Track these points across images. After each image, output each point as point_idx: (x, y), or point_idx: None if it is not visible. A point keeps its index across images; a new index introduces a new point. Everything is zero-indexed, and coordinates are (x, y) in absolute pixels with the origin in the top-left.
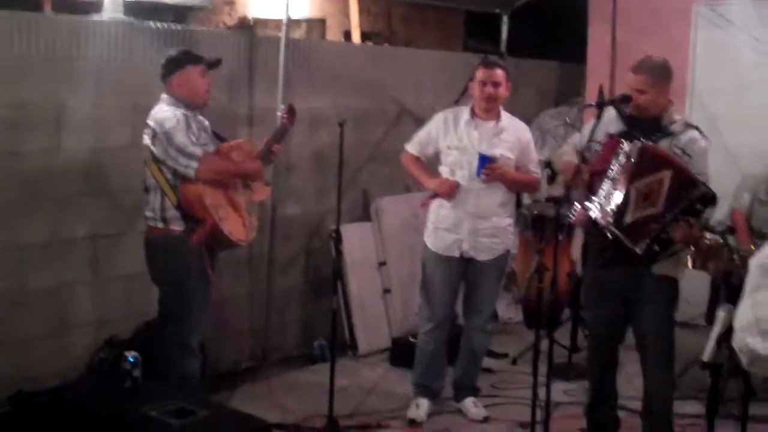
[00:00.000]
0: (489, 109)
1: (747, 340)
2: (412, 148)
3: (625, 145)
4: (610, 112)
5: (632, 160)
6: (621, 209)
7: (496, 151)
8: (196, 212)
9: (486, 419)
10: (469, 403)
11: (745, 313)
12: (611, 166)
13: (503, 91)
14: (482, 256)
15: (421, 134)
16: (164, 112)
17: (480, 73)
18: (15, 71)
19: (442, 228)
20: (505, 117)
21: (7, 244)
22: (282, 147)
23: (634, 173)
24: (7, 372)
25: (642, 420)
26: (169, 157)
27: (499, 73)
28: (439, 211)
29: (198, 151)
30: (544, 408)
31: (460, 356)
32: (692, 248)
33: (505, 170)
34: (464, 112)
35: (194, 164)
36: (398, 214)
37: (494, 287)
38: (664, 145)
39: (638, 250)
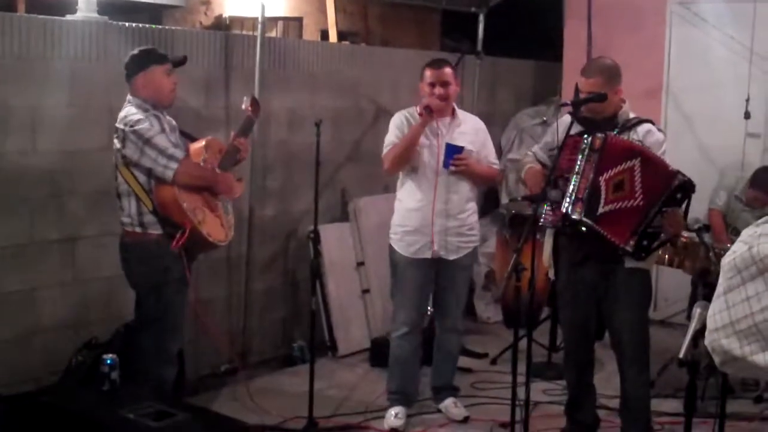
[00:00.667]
0: (442, 108)
1: (722, 341)
2: (387, 147)
3: (588, 139)
4: (564, 119)
5: (596, 151)
6: (592, 201)
7: (460, 144)
8: (173, 216)
9: (466, 419)
10: (449, 403)
11: (719, 313)
12: (577, 162)
13: (454, 88)
14: (451, 256)
15: (391, 137)
16: (134, 114)
17: (428, 74)
18: None
19: (411, 230)
20: (459, 112)
21: None
22: (248, 141)
23: (599, 164)
24: None
25: (620, 418)
26: (146, 157)
27: (448, 71)
28: (405, 213)
29: (179, 153)
30: (523, 407)
31: (435, 359)
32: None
33: (472, 162)
34: (417, 111)
35: (174, 165)
36: (377, 214)
37: (465, 286)
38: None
39: (629, 248)
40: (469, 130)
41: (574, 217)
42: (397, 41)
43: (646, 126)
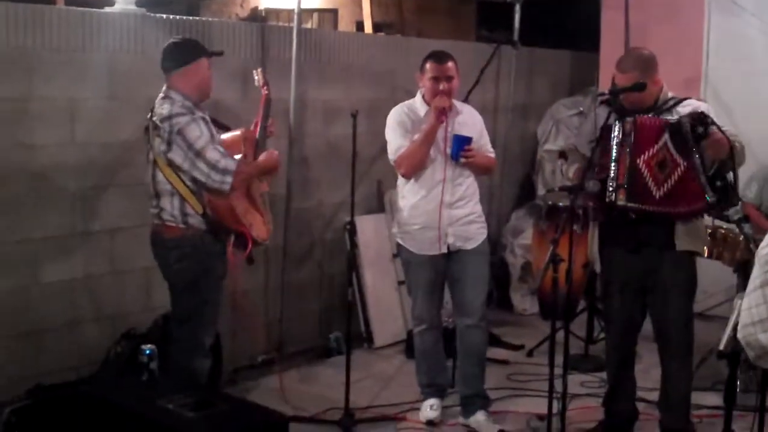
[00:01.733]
0: (434, 103)
1: (759, 336)
2: (402, 148)
3: (617, 125)
4: (601, 111)
5: (628, 134)
6: (634, 185)
7: (465, 134)
8: (227, 222)
9: None
10: (480, 417)
11: (755, 307)
12: (612, 150)
13: (456, 83)
14: (469, 245)
15: (396, 138)
16: (180, 116)
17: (431, 69)
18: (28, 64)
19: (421, 227)
20: (456, 102)
21: (23, 238)
22: (274, 120)
23: (634, 147)
24: (25, 365)
25: (659, 411)
26: (198, 170)
27: (451, 66)
28: (410, 210)
29: (231, 165)
30: (560, 400)
31: (459, 363)
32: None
33: (478, 153)
34: (417, 104)
35: (229, 180)
36: None
37: (483, 277)
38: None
39: (712, 200)
40: (468, 120)
41: (620, 203)
42: (432, 32)
43: (688, 103)
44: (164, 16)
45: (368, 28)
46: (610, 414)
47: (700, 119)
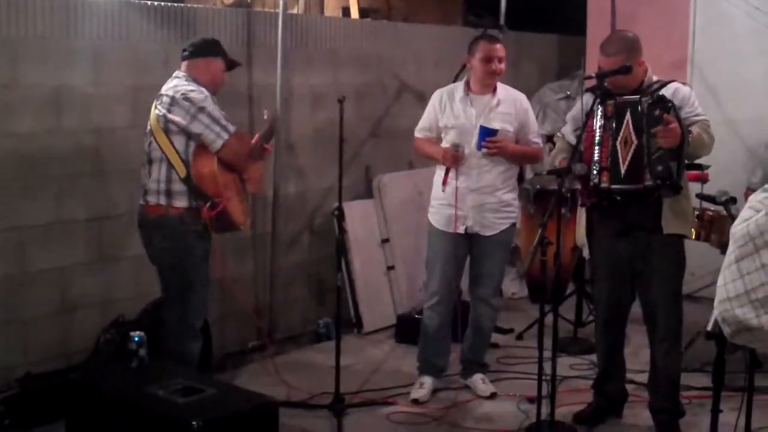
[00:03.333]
0: (490, 84)
1: (735, 311)
2: (420, 133)
3: (600, 108)
4: (588, 99)
5: (610, 117)
6: (615, 166)
7: (495, 125)
8: (207, 188)
9: (493, 395)
10: (477, 379)
11: (731, 283)
12: (596, 134)
13: (504, 65)
14: (487, 232)
15: (424, 117)
16: (186, 85)
17: (484, 49)
18: (13, 52)
19: (445, 204)
20: (501, 89)
21: (10, 225)
22: (272, 148)
23: (616, 130)
24: (14, 354)
25: (649, 393)
26: (198, 122)
27: (501, 47)
28: (442, 187)
29: (231, 127)
30: (550, 382)
31: (468, 332)
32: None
33: (506, 144)
34: (458, 89)
35: (225, 136)
36: (401, 191)
37: (500, 261)
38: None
39: (649, 183)
40: (508, 110)
41: (603, 186)
42: (418, 17)
43: (672, 85)
44: (149, 2)
45: (354, 13)
46: (600, 396)
47: (661, 102)
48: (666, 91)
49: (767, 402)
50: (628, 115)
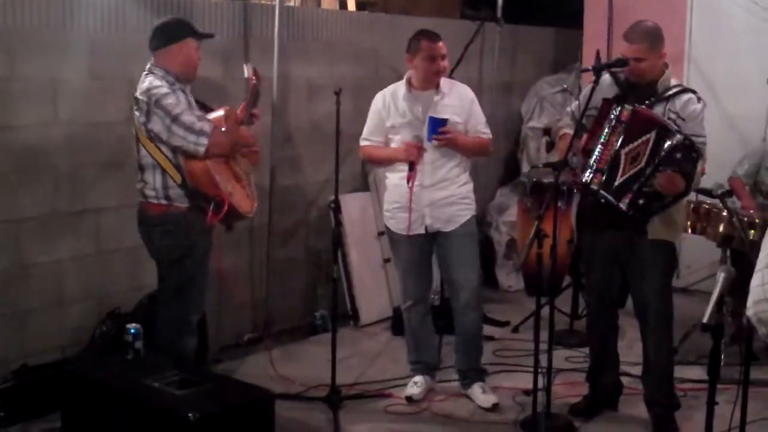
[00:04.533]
0: (434, 82)
1: None
2: (366, 141)
3: (617, 109)
4: (605, 78)
5: (623, 122)
6: (612, 173)
7: (444, 116)
8: (205, 189)
9: (495, 406)
10: (476, 390)
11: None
12: (604, 131)
13: (447, 63)
14: (449, 227)
15: (369, 124)
16: (158, 87)
17: (427, 48)
18: (8, 44)
19: (400, 206)
20: (444, 82)
21: (6, 218)
22: (260, 111)
23: (625, 137)
24: (10, 346)
25: (643, 385)
26: (175, 136)
27: (443, 45)
28: (393, 189)
29: (207, 127)
30: (546, 375)
31: (457, 341)
32: (689, 211)
33: (456, 135)
34: (400, 87)
35: (204, 141)
36: None
37: (470, 257)
38: (658, 109)
39: (623, 206)
40: (454, 102)
41: (593, 187)
42: (416, 10)
43: (687, 96)
44: None
45: (351, 6)
46: (595, 388)
47: (690, 149)
48: (678, 100)
49: (762, 394)
50: (653, 136)
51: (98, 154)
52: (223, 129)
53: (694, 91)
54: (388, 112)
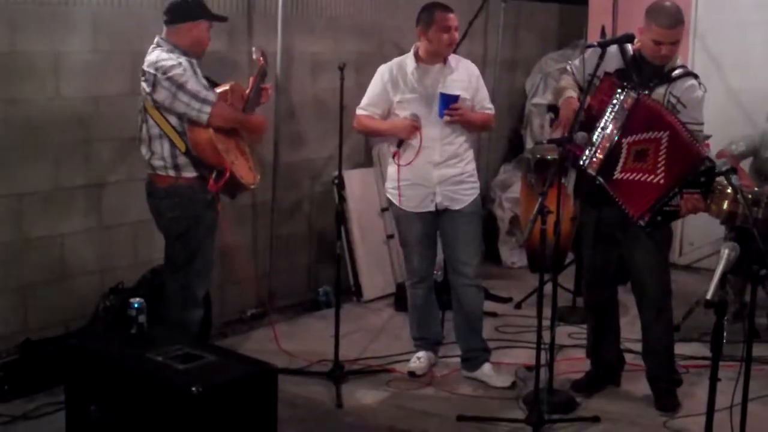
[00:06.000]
0: (446, 55)
1: None
2: (364, 110)
3: (621, 95)
4: (611, 50)
5: (625, 110)
6: (610, 161)
7: (455, 92)
8: (208, 158)
9: (514, 384)
10: (488, 370)
11: None
12: (605, 115)
13: (458, 35)
14: (456, 205)
15: (370, 94)
16: (166, 60)
17: (441, 19)
18: (11, 18)
19: (411, 183)
20: (452, 58)
21: (7, 192)
22: (271, 85)
23: (626, 126)
24: (13, 320)
25: (644, 361)
26: (180, 102)
27: (455, 16)
28: (403, 167)
29: (211, 96)
30: (548, 351)
31: (456, 322)
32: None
33: (467, 112)
34: (408, 60)
35: (207, 109)
36: None
37: (475, 235)
38: (660, 91)
39: (641, 223)
40: (462, 77)
41: (589, 172)
42: None
43: (690, 81)
44: None
45: None
46: (597, 364)
47: (713, 174)
48: (681, 84)
49: (765, 372)
50: (665, 139)
51: (101, 129)
52: (229, 102)
53: (696, 76)
54: (396, 86)
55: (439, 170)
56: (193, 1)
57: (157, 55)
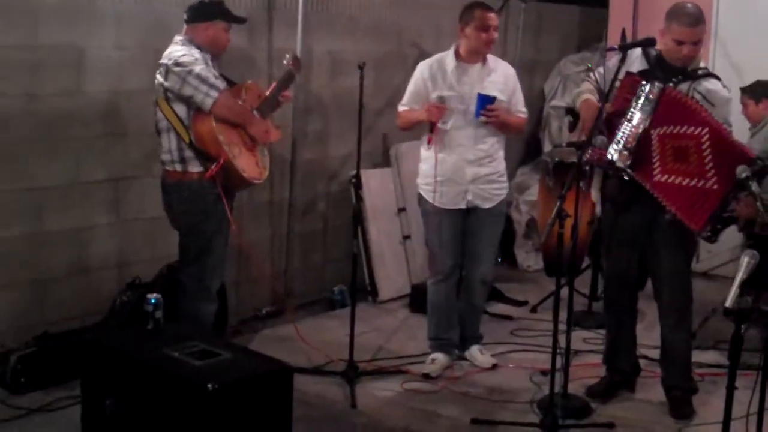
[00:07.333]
0: (484, 53)
1: None
2: (404, 106)
3: (646, 87)
4: (634, 52)
5: (651, 101)
6: (641, 153)
7: (492, 93)
8: (210, 149)
9: (495, 366)
10: (475, 351)
11: None
12: (631, 108)
13: (497, 34)
14: (486, 204)
15: (410, 90)
16: (178, 50)
17: (480, 17)
18: (34, 12)
19: (445, 180)
20: (491, 58)
21: (28, 186)
22: (291, 94)
23: (654, 116)
24: (31, 313)
25: (661, 368)
26: (188, 85)
27: (495, 15)
28: (437, 164)
29: (220, 84)
30: (563, 355)
31: (461, 309)
32: None
33: (502, 113)
34: (448, 58)
35: (214, 94)
36: (418, 160)
37: (497, 235)
38: (683, 87)
39: (705, 234)
40: (500, 79)
41: (618, 165)
42: None
43: (713, 82)
44: None
45: None
46: (613, 370)
47: (764, 175)
48: (705, 83)
49: None
50: (706, 136)
51: (122, 124)
52: (242, 100)
53: (719, 78)
54: (435, 82)
55: (472, 168)
56: (213, 2)
57: (172, 48)
